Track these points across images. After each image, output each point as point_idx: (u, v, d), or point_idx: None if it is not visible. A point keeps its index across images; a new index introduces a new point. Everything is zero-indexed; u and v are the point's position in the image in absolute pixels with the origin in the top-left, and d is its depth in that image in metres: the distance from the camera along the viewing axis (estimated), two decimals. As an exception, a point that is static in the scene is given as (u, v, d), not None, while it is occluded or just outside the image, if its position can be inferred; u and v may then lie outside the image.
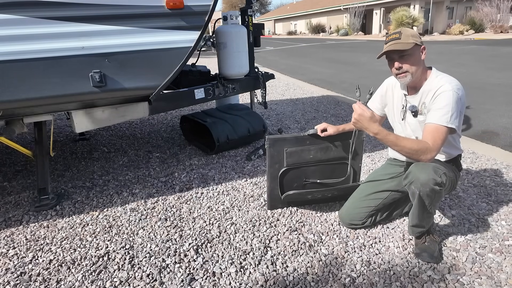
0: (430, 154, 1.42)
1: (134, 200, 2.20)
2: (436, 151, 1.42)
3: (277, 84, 6.70)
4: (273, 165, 1.93)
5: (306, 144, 1.94)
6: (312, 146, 1.95)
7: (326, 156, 1.98)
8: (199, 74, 3.23)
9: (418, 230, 1.61)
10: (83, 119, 2.16)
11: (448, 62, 8.82)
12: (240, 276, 1.50)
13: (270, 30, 48.92)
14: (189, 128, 3.30)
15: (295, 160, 1.94)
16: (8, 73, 1.71)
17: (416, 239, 1.67)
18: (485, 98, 4.91)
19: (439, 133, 1.43)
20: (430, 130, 1.45)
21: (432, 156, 1.42)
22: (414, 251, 1.63)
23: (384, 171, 1.88)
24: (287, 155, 1.93)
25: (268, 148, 1.91)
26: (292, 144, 1.93)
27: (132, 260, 1.62)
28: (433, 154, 1.42)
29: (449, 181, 1.52)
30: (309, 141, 1.94)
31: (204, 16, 2.10)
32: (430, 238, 1.63)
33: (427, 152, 1.41)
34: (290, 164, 1.94)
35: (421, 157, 1.42)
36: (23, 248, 1.73)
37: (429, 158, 1.42)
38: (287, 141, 1.92)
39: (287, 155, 1.93)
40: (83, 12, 1.81)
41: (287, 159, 1.93)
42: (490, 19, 21.31)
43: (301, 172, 1.98)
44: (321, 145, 1.95)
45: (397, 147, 1.46)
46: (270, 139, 1.90)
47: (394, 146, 1.47)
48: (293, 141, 1.93)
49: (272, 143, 1.90)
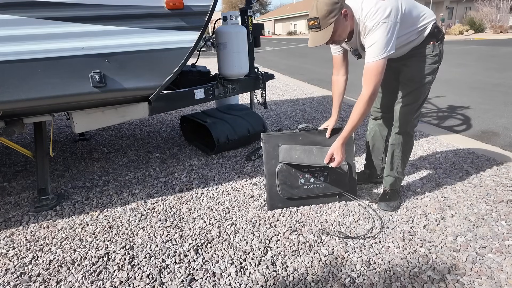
0: (368, 99, 1.63)
1: (134, 200, 2.20)
2: (371, 91, 1.61)
3: (277, 84, 6.70)
4: (269, 161, 2.00)
5: (299, 140, 2.01)
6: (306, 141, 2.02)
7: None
8: (199, 75, 3.23)
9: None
10: (83, 119, 2.16)
11: (448, 62, 8.82)
12: (240, 276, 1.50)
13: (270, 30, 48.94)
14: (189, 128, 3.30)
15: (289, 156, 1.98)
16: (8, 73, 1.71)
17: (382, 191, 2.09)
18: (485, 98, 4.91)
19: (369, 71, 1.60)
20: (364, 72, 1.62)
21: (370, 97, 1.62)
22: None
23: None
24: (281, 151, 1.99)
25: (264, 144, 2.00)
26: (286, 140, 2.01)
27: (132, 261, 1.62)
28: (369, 96, 1.62)
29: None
30: (301, 137, 2.02)
31: (204, 17, 2.10)
32: (393, 192, 2.03)
33: (364, 101, 1.63)
34: (282, 160, 1.99)
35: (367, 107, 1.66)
36: (23, 248, 1.73)
37: (371, 101, 1.64)
38: (280, 137, 2.01)
39: (281, 150, 1.99)
40: (83, 13, 1.81)
41: (281, 155, 1.99)
42: (489, 19, 21.33)
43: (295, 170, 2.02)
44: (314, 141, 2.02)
45: (358, 123, 1.73)
46: (265, 135, 2.01)
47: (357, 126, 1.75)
48: (287, 137, 2.01)
49: (267, 139, 2.00)
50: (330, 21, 1.52)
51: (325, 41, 1.58)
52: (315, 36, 1.58)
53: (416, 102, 1.85)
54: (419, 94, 1.83)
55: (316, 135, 2.04)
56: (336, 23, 1.54)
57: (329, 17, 1.51)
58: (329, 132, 2.01)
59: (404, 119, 1.89)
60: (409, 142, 1.98)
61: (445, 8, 24.30)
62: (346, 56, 1.93)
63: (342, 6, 1.53)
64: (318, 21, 1.52)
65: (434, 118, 4.11)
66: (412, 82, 1.81)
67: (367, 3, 1.57)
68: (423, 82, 1.80)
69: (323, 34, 1.55)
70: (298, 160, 1.96)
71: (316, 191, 2.03)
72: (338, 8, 1.52)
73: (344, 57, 1.92)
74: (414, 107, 1.86)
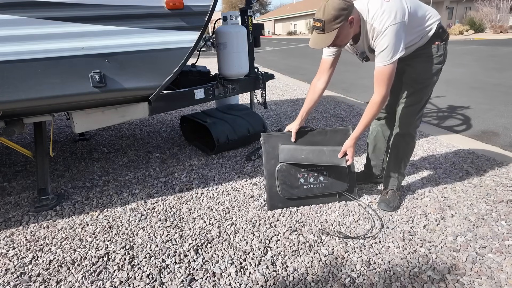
0: (381, 101, 1.65)
1: (134, 200, 2.20)
2: (383, 94, 1.63)
3: (277, 84, 6.70)
4: (269, 161, 2.01)
5: (298, 140, 2.03)
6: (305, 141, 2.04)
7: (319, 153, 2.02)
8: (199, 74, 3.23)
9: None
10: (83, 119, 2.16)
11: (448, 62, 8.78)
12: (240, 276, 1.50)
13: (270, 30, 48.96)
14: (189, 128, 3.30)
15: (293, 156, 1.98)
16: (8, 74, 1.71)
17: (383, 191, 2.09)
18: (485, 98, 4.91)
19: (381, 74, 1.60)
20: (375, 76, 1.63)
21: (383, 99, 1.64)
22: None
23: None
24: (282, 151, 2.00)
25: (263, 144, 2.02)
26: (285, 140, 2.02)
27: (132, 261, 1.62)
28: (381, 99, 1.64)
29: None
30: (300, 137, 2.03)
31: (204, 17, 2.10)
32: (393, 192, 2.03)
33: (376, 103, 1.65)
34: (284, 160, 2.00)
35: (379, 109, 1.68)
36: (23, 248, 1.73)
37: (383, 103, 1.66)
38: (280, 137, 2.03)
39: (282, 150, 2.00)
40: (83, 13, 1.81)
41: (282, 155, 2.00)
42: (489, 19, 21.34)
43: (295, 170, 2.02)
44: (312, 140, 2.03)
45: (369, 124, 1.76)
46: (264, 135, 2.03)
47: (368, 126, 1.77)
48: (286, 138, 2.03)
49: (267, 139, 2.02)
50: (335, 27, 1.51)
51: (326, 45, 1.57)
52: (317, 38, 1.57)
53: (419, 103, 1.85)
54: (422, 95, 1.83)
55: (315, 135, 2.05)
56: (341, 29, 1.53)
57: (334, 22, 1.50)
58: (294, 136, 2.00)
59: (406, 120, 1.88)
60: (410, 143, 1.98)
61: (445, 8, 24.31)
62: (334, 63, 1.90)
63: (349, 13, 1.52)
64: (323, 24, 1.51)
65: (434, 118, 4.11)
66: (416, 82, 1.80)
67: (372, 4, 1.56)
68: (427, 83, 1.80)
69: (325, 38, 1.55)
70: (304, 160, 1.95)
71: (316, 191, 2.03)
72: (345, 15, 1.51)
73: (332, 63, 1.89)
74: (417, 108, 1.86)
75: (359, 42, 1.69)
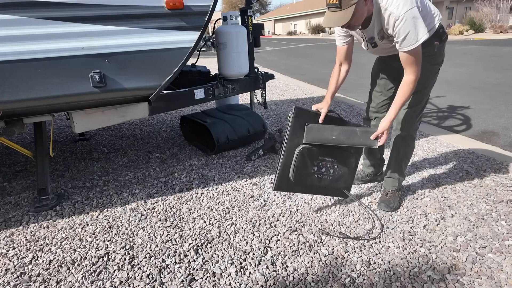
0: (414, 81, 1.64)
1: (134, 200, 2.20)
2: (416, 74, 1.63)
3: (277, 84, 6.70)
4: (293, 138, 1.80)
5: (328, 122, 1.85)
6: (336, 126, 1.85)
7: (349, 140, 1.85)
8: (199, 75, 3.23)
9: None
10: (83, 119, 2.16)
11: (448, 62, 8.81)
12: (240, 276, 1.50)
13: (270, 30, 48.96)
14: (189, 128, 3.30)
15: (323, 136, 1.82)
16: (8, 73, 1.71)
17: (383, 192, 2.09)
18: (485, 98, 4.91)
19: (410, 58, 1.60)
20: (404, 59, 1.62)
21: (415, 79, 1.64)
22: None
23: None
24: (310, 130, 1.81)
25: (293, 118, 1.77)
26: (314, 120, 1.83)
27: (132, 261, 1.62)
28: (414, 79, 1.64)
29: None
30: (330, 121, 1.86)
31: (204, 17, 2.10)
32: (393, 192, 2.03)
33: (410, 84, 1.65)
34: (312, 140, 1.82)
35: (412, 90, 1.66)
36: (23, 248, 1.73)
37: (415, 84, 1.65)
38: (311, 116, 1.82)
39: (310, 129, 1.81)
40: (83, 13, 1.81)
41: (309, 135, 1.81)
42: (489, 19, 21.33)
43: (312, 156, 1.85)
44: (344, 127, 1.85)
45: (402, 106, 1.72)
46: (297, 107, 1.79)
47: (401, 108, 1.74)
48: (316, 117, 1.83)
49: (299, 113, 1.78)
50: (352, 2, 1.45)
51: (344, 23, 1.49)
52: (333, 16, 1.49)
53: (419, 104, 1.85)
54: (422, 96, 1.83)
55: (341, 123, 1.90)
56: (357, 5, 1.47)
57: None
58: (323, 117, 1.83)
59: (407, 121, 1.88)
60: (411, 144, 1.98)
61: (445, 8, 24.32)
62: (350, 48, 1.87)
63: None
64: (340, 0, 1.44)
65: (434, 118, 4.11)
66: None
67: None
68: (426, 84, 1.80)
69: (342, 15, 1.47)
70: (335, 141, 1.81)
71: (323, 182, 1.93)
72: None
73: (348, 48, 1.86)
74: (417, 109, 1.86)
75: (369, 26, 1.66)
